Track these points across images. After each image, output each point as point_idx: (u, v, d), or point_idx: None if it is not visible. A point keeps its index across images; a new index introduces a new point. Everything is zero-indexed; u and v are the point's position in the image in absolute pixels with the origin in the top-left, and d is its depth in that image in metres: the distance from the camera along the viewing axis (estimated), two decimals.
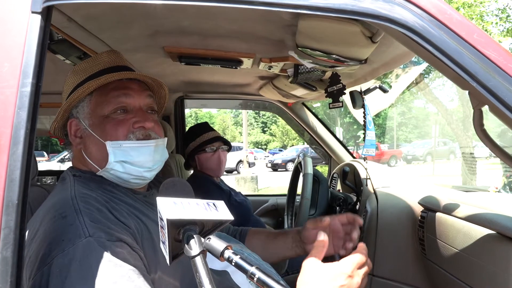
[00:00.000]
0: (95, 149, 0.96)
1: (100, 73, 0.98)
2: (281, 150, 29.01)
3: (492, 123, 0.79)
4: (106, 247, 0.76)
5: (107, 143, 0.94)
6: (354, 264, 0.77)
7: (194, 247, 0.62)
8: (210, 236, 0.64)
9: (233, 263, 0.63)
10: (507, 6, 9.20)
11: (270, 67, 1.75)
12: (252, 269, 0.62)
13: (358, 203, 1.89)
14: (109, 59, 1.03)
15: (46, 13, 0.67)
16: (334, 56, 1.23)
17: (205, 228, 0.67)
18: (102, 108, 0.96)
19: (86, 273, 0.72)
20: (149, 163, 0.97)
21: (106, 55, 1.03)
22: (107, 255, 0.74)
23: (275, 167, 20.40)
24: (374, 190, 1.78)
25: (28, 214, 0.90)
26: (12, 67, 0.64)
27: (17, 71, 0.64)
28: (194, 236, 0.62)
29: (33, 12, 0.65)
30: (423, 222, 1.36)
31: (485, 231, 1.02)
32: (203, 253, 0.62)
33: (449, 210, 1.21)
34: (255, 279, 0.61)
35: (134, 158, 0.95)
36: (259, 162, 23.26)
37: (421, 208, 1.42)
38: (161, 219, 0.63)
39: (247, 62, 1.70)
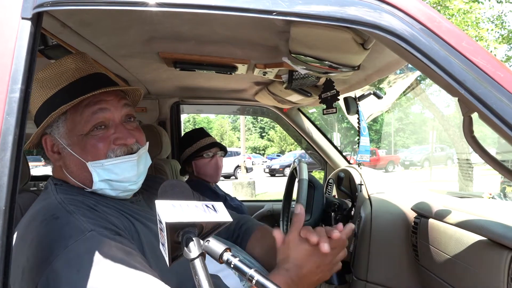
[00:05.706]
0: (77, 169, 0.93)
1: (71, 87, 0.92)
2: (279, 156, 28.99)
3: (489, 129, 0.80)
4: (111, 239, 0.77)
5: (89, 164, 0.91)
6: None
7: (193, 249, 0.61)
8: (209, 239, 0.64)
9: (232, 266, 0.62)
10: (502, 12, 9.30)
11: (264, 73, 1.76)
12: (251, 272, 0.62)
13: (353, 209, 1.89)
14: (76, 66, 0.95)
15: (37, 19, 0.67)
16: (327, 62, 1.24)
17: (204, 230, 0.67)
18: (80, 127, 0.92)
19: (101, 263, 0.72)
20: (134, 177, 0.96)
21: (71, 61, 0.95)
22: (116, 245, 0.76)
23: (272, 172, 20.37)
24: (368, 195, 1.77)
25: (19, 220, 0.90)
26: (1, 73, 0.64)
27: (6, 77, 0.64)
28: (193, 238, 0.62)
29: (23, 18, 0.66)
30: (416, 228, 1.36)
31: (476, 238, 1.02)
32: (202, 255, 0.61)
33: (441, 216, 1.21)
34: (253, 281, 0.61)
35: (119, 175, 0.93)
36: (257, 168, 23.23)
37: (414, 214, 1.42)
38: (160, 222, 0.63)
39: (242, 68, 1.71)
